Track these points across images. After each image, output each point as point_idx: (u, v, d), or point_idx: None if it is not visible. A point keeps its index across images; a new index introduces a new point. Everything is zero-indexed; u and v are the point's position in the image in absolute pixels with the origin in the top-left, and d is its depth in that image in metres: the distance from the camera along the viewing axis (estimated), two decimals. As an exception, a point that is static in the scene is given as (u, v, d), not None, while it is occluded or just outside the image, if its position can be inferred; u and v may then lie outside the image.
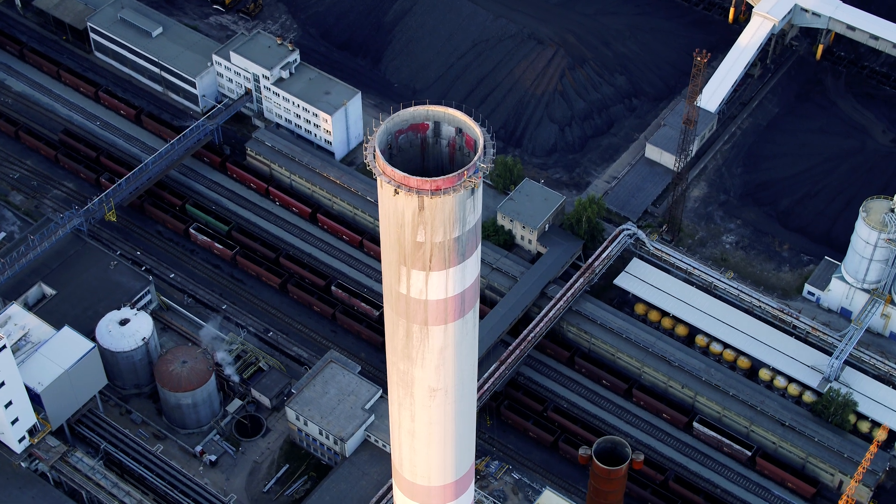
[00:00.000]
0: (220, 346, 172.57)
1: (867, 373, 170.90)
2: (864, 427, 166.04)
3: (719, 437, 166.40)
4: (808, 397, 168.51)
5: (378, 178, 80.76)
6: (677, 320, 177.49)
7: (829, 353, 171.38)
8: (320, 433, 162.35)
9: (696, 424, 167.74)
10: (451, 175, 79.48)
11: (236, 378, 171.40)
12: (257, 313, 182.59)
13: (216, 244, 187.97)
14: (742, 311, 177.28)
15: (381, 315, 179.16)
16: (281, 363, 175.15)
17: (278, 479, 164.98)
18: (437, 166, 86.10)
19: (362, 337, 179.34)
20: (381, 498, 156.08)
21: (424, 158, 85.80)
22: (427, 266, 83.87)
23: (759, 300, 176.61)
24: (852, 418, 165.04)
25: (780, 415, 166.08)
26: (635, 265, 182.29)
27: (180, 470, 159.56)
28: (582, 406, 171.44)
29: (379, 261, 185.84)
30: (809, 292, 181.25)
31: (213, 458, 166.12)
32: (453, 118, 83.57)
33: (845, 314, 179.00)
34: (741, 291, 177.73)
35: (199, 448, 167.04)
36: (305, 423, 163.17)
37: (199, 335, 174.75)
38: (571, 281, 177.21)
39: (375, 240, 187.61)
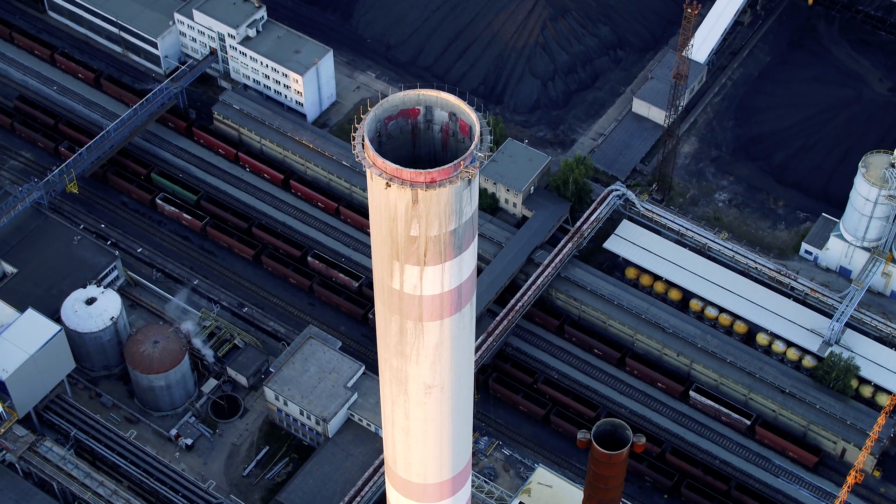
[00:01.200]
0: (193, 322, 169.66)
1: (868, 335, 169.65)
2: (867, 392, 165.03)
3: (717, 405, 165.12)
4: (808, 362, 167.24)
5: (368, 171, 77.73)
6: (670, 284, 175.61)
7: (829, 316, 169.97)
8: (301, 413, 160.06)
9: (692, 393, 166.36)
10: (446, 166, 76.54)
11: (211, 356, 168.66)
12: (230, 287, 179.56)
13: (184, 215, 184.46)
14: (737, 273, 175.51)
15: (361, 286, 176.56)
16: (257, 339, 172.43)
17: (258, 461, 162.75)
18: (430, 153, 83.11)
19: (342, 309, 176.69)
20: (368, 480, 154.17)
21: (416, 145, 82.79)
22: (422, 261, 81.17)
23: (756, 261, 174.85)
24: (854, 383, 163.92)
25: (779, 381, 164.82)
26: (625, 227, 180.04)
27: (155, 456, 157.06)
28: (573, 377, 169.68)
29: (357, 228, 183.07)
30: (807, 251, 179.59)
31: (189, 441, 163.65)
32: (446, 102, 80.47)
33: (844, 273, 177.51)
34: (736, 252, 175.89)
35: (173, 431, 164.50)
36: (285, 404, 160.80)
37: (168, 310, 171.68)
38: (560, 246, 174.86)
39: (352, 206, 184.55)
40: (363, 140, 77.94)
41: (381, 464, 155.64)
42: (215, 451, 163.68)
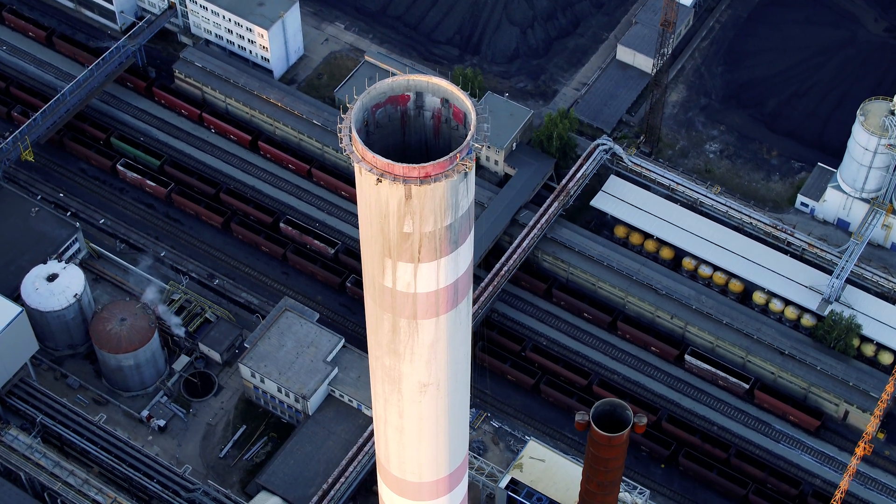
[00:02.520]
0: (161, 296, 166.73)
1: (869, 290, 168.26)
2: (869, 350, 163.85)
3: (713, 369, 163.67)
4: (807, 321, 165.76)
5: (356, 165, 74.69)
6: (662, 243, 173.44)
7: (828, 272, 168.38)
8: (279, 391, 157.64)
9: (687, 357, 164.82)
10: (441, 160, 73.52)
11: (181, 332, 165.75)
12: (199, 257, 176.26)
13: (148, 181, 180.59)
14: (731, 230, 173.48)
15: (338, 253, 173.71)
16: (229, 312, 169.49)
17: (235, 441, 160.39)
18: (420, 140, 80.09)
19: (317, 278, 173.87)
20: (352, 460, 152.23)
21: (405, 133, 79.69)
22: (416, 258, 78.40)
23: (750, 216, 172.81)
24: (856, 342, 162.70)
25: (778, 343, 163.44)
26: (613, 183, 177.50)
27: (127, 441, 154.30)
28: (563, 343, 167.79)
29: (330, 191, 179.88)
30: (803, 203, 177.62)
31: (162, 422, 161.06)
32: (438, 88, 77.29)
33: (842, 226, 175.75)
34: (730, 207, 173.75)
35: (145, 412, 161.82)
36: (262, 381, 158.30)
37: (134, 284, 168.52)
38: (545, 205, 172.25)
39: (325, 168, 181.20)
40: (351, 131, 74.82)
41: (366, 442, 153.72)
42: (189, 432, 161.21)
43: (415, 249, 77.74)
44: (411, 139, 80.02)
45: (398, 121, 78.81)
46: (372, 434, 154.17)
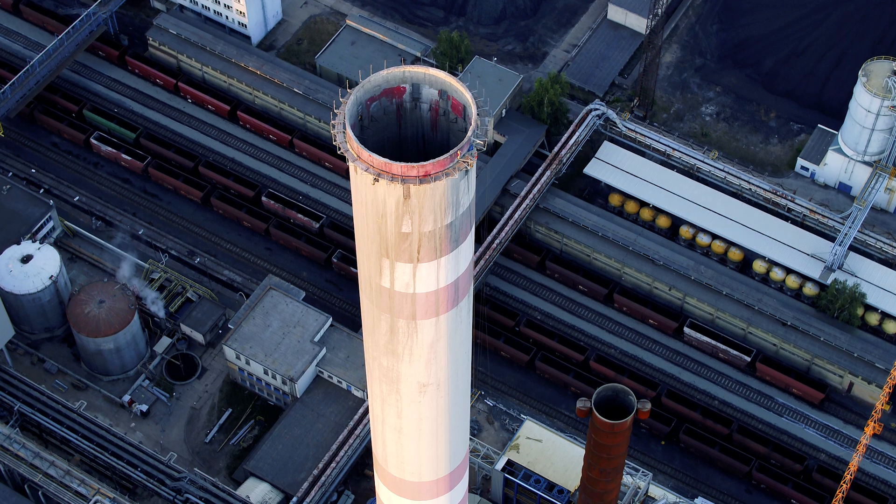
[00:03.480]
0: (139, 275, 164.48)
1: (873, 257, 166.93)
2: (873, 319, 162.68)
3: (713, 342, 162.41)
4: (809, 290, 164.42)
5: (351, 164, 72.45)
6: (658, 211, 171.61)
7: (830, 238, 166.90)
8: (265, 373, 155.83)
9: (686, 330, 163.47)
10: (441, 158, 71.25)
11: (162, 312, 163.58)
12: (179, 234, 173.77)
13: (123, 155, 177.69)
14: (730, 196, 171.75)
15: (322, 227, 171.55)
16: (211, 291, 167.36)
17: (221, 426, 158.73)
18: (417, 133, 77.78)
19: (302, 253, 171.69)
20: (343, 444, 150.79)
21: (401, 125, 77.36)
22: (415, 258, 76.32)
23: (749, 182, 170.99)
24: (859, 311, 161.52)
25: (780, 313, 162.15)
26: (607, 150, 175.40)
27: (109, 429, 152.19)
28: (558, 317, 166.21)
29: (314, 161, 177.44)
30: (803, 167, 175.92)
31: (144, 407, 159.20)
32: (435, 80, 74.93)
33: (844, 190, 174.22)
34: (728, 173, 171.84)
35: (126, 397, 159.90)
36: (247, 363, 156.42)
37: (112, 263, 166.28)
38: (537, 174, 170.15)
39: (307, 138, 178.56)
40: (345, 128, 72.49)
41: (356, 425, 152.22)
42: (173, 417, 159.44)
43: (414, 249, 75.71)
44: (407, 132, 77.78)
45: (393, 114, 76.56)
46: (363, 416, 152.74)
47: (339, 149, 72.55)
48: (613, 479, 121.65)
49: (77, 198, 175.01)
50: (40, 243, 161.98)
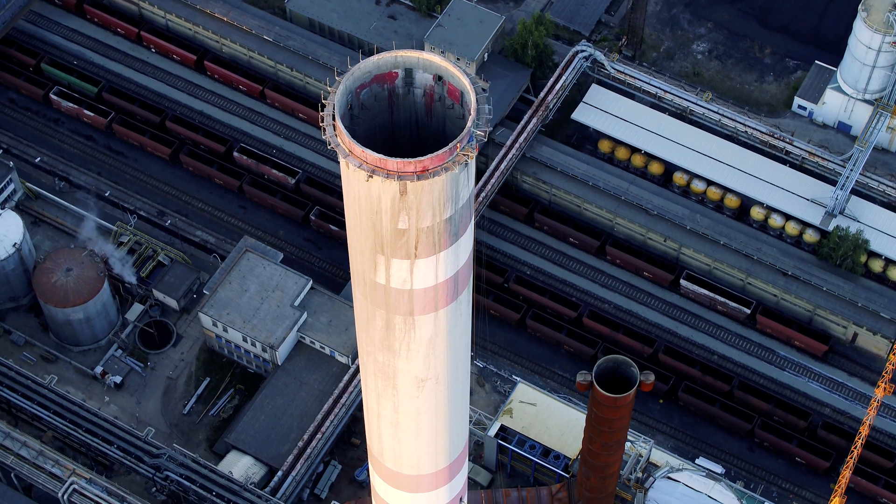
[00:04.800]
0: (107, 239, 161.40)
1: (875, 200, 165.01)
2: (877, 266, 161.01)
3: (711, 294, 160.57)
4: (809, 237, 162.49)
5: (342, 160, 69.48)
6: (650, 157, 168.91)
7: (831, 182, 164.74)
8: (245, 340, 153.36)
9: (683, 282, 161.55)
10: (440, 152, 68.20)
11: (133, 278, 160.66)
12: (147, 193, 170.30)
13: (85, 111, 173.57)
14: (725, 139, 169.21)
15: (299, 182, 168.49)
16: (184, 253, 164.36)
17: (199, 396, 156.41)
18: (411, 119, 74.63)
19: (278, 211, 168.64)
20: (328, 413, 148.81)
21: (393, 111, 74.21)
22: (412, 254, 73.54)
23: (745, 124, 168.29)
24: (863, 258, 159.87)
25: (780, 263, 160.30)
26: (595, 93, 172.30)
27: (82, 404, 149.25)
28: (549, 272, 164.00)
29: (287, 113, 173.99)
30: (800, 106, 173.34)
31: (118, 379, 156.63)
32: (430, 64, 71.71)
33: (843, 129, 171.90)
34: (722, 115, 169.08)
35: (99, 369, 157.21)
36: (225, 330, 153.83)
37: (77, 227, 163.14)
38: (523, 122, 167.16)
39: (279, 88, 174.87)
40: (334, 120, 69.39)
41: (341, 393, 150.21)
42: (149, 388, 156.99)
43: (411, 246, 72.94)
44: (400, 118, 74.67)
45: (385, 100, 73.39)
46: (348, 383, 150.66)
47: (329, 143, 69.49)
48: (615, 453, 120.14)
49: (38, 158, 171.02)
50: (1, 208, 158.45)
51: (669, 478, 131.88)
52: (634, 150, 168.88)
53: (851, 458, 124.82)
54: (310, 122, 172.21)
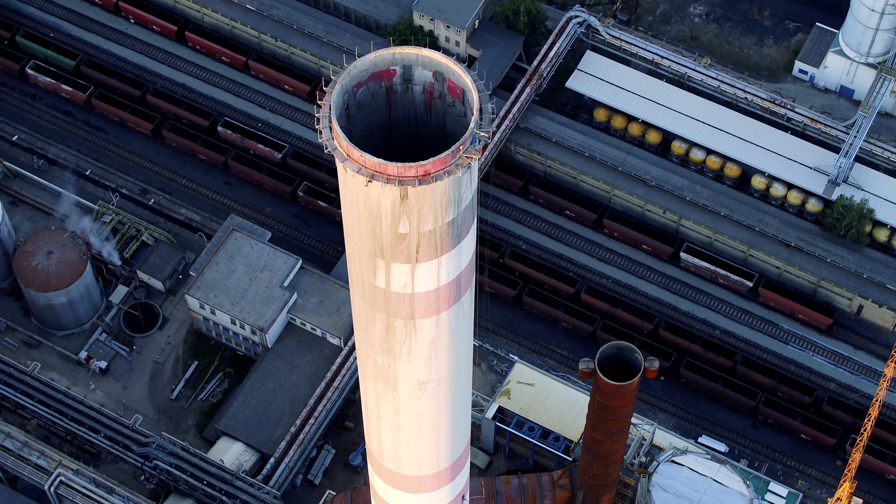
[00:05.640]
0: (90, 219, 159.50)
1: (879, 167, 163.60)
2: (882, 235, 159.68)
3: (712, 267, 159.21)
4: (812, 206, 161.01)
5: (340, 164, 67.75)
6: (647, 125, 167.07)
7: (834, 149, 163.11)
8: (233, 323, 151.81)
9: (683, 255, 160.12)
10: (442, 155, 66.34)
11: (116, 259, 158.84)
12: (129, 170, 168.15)
13: (63, 85, 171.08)
14: (724, 106, 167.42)
15: (286, 157, 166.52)
16: (168, 233, 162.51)
17: (187, 380, 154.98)
18: (409, 116, 72.85)
19: (264, 187, 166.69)
20: (321, 397, 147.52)
21: (391, 109, 72.40)
22: (413, 258, 71.95)
23: (745, 90, 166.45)
24: (867, 227, 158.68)
25: (782, 234, 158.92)
26: (590, 60, 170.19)
27: (67, 392, 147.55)
28: (545, 246, 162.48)
29: (272, 84, 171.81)
30: (801, 70, 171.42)
31: (103, 364, 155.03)
32: (429, 61, 69.86)
33: (846, 93, 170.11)
34: (721, 81, 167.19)
35: (83, 354, 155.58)
36: (213, 313, 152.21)
37: (58, 206, 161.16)
38: (516, 91, 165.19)
39: (263, 59, 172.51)
40: (331, 122, 67.59)
41: (334, 376, 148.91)
42: (135, 373, 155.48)
43: (412, 250, 71.34)
44: (398, 115, 72.88)
45: (383, 98, 71.57)
46: (340, 366, 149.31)
47: (326, 147, 67.80)
48: (619, 440, 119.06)
49: (16, 136, 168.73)
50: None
51: (674, 461, 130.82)
52: (631, 118, 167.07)
53: (861, 440, 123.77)
54: (295, 94, 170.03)
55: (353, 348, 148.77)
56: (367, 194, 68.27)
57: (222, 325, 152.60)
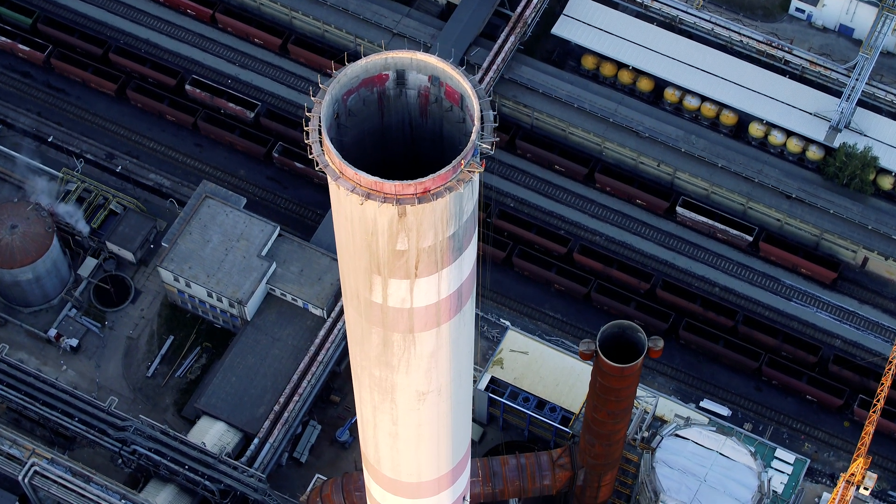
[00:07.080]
0: (53, 187, 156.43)
1: (882, 111, 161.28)
2: (886, 183, 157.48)
3: (710, 221, 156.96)
4: (813, 154, 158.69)
5: (332, 182, 64.91)
6: (638, 72, 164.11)
7: (835, 93, 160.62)
8: (210, 296, 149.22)
9: (679, 209, 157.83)
10: (442, 171, 63.32)
11: (84, 229, 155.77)
12: (93, 134, 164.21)
13: (20, 45, 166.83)
14: (718, 50, 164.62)
15: (259, 116, 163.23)
16: (138, 200, 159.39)
17: (163, 356, 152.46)
18: (403, 120, 69.86)
19: (237, 148, 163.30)
20: (305, 373, 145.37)
21: (384, 115, 69.47)
22: (412, 274, 69.30)
23: (739, 32, 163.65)
24: (872, 176, 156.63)
25: (783, 185, 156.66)
26: (576, 4, 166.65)
27: (38, 374, 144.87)
28: (534, 203, 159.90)
29: (242, 38, 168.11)
30: (798, 9, 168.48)
31: (74, 342, 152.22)
32: (424, 65, 66.71)
33: (845, 33, 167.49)
34: (715, 23, 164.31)
35: (52, 331, 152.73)
36: (188, 285, 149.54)
37: (19, 174, 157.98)
38: (500, 40, 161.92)
39: (231, 11, 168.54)
40: (321, 136, 64.64)
41: (318, 349, 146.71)
42: (108, 350, 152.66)
43: (411, 266, 68.71)
44: (391, 121, 69.86)
45: (375, 104, 68.51)
46: (324, 339, 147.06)
47: (317, 164, 64.96)
48: (622, 420, 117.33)
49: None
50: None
51: (678, 435, 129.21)
52: (621, 65, 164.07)
53: (874, 411, 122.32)
54: (267, 46, 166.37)
55: (336, 319, 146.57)
56: (362, 212, 65.53)
57: (198, 297, 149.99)
